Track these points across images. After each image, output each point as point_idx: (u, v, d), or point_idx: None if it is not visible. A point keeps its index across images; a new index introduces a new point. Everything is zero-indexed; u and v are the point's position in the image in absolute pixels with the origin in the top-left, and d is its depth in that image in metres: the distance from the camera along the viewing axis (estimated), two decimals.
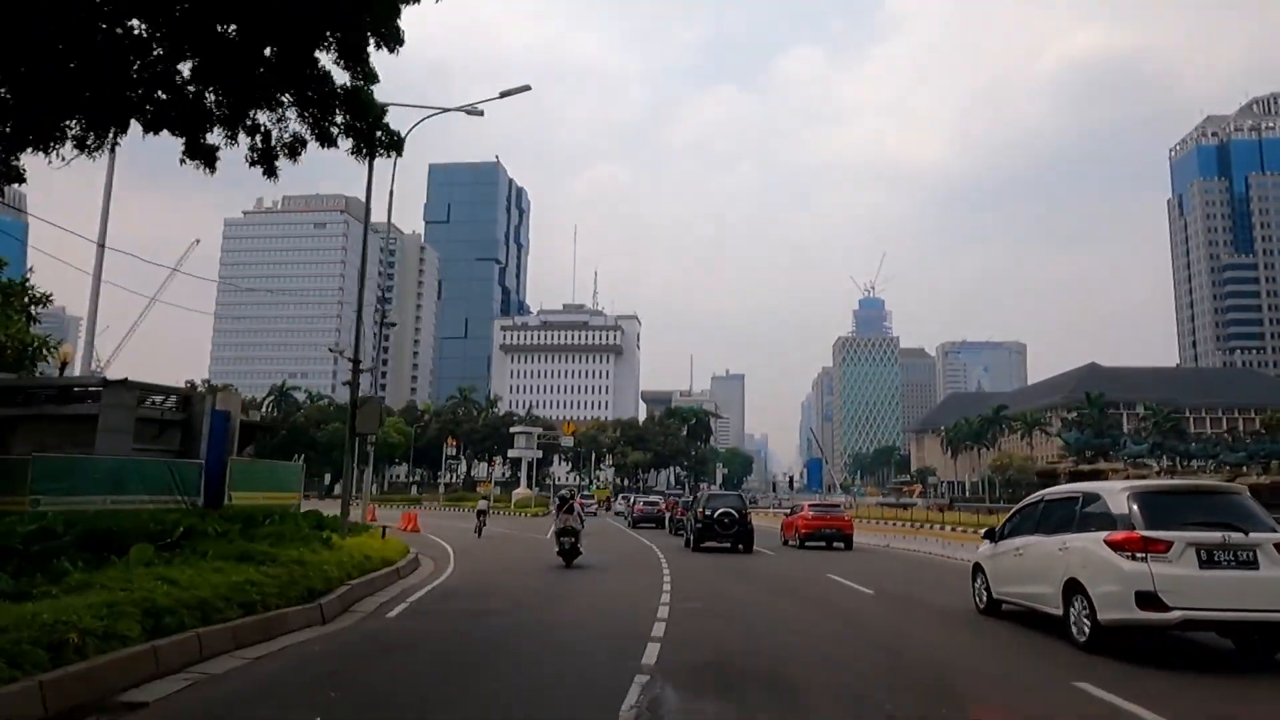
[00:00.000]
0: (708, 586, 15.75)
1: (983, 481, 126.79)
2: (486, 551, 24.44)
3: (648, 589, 14.60)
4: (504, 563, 20.99)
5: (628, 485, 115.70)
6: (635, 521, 43.67)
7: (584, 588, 15.49)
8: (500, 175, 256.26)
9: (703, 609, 12.46)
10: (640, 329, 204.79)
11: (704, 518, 24.69)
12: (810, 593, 15.41)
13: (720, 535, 24.40)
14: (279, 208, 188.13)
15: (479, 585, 15.54)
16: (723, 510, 24.54)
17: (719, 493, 34.77)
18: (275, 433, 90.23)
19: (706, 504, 25.89)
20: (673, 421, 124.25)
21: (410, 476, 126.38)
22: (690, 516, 27.43)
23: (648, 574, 17.78)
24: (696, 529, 25.15)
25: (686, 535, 27.69)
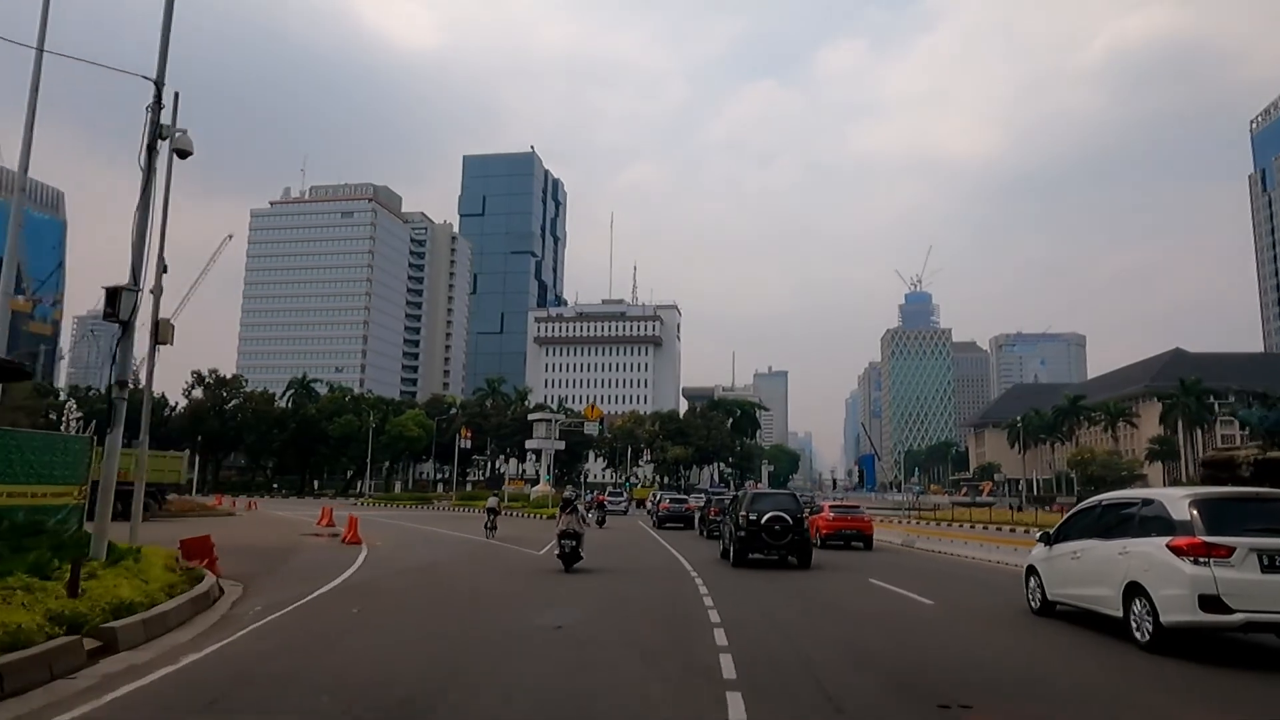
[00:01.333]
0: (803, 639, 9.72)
1: (1058, 478, 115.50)
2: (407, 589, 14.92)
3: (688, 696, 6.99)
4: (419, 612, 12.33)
5: (668, 483, 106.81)
6: (660, 521, 39.28)
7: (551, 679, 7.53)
8: (536, 166, 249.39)
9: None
10: (680, 319, 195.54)
11: (748, 524, 19.31)
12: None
13: (769, 546, 19.27)
14: (306, 197, 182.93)
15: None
16: (773, 514, 19.18)
17: (766, 491, 28.19)
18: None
19: (751, 506, 19.97)
20: (716, 414, 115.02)
21: (435, 474, 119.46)
22: (730, 521, 21.18)
23: (680, 634, 10.01)
24: (739, 537, 19.57)
25: (725, 544, 21.72)
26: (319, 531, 25.75)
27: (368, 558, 18.63)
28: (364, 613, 10.95)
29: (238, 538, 22.85)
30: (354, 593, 13.00)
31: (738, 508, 20.53)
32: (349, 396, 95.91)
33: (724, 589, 14.43)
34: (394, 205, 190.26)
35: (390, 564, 17.77)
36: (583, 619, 10.96)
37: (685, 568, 18.77)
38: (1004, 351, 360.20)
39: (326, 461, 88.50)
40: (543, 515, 42.48)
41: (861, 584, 16.60)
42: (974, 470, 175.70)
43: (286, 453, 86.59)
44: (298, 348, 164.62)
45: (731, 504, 22.92)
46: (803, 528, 19.51)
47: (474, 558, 20.92)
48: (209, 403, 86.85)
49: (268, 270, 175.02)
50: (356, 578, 14.91)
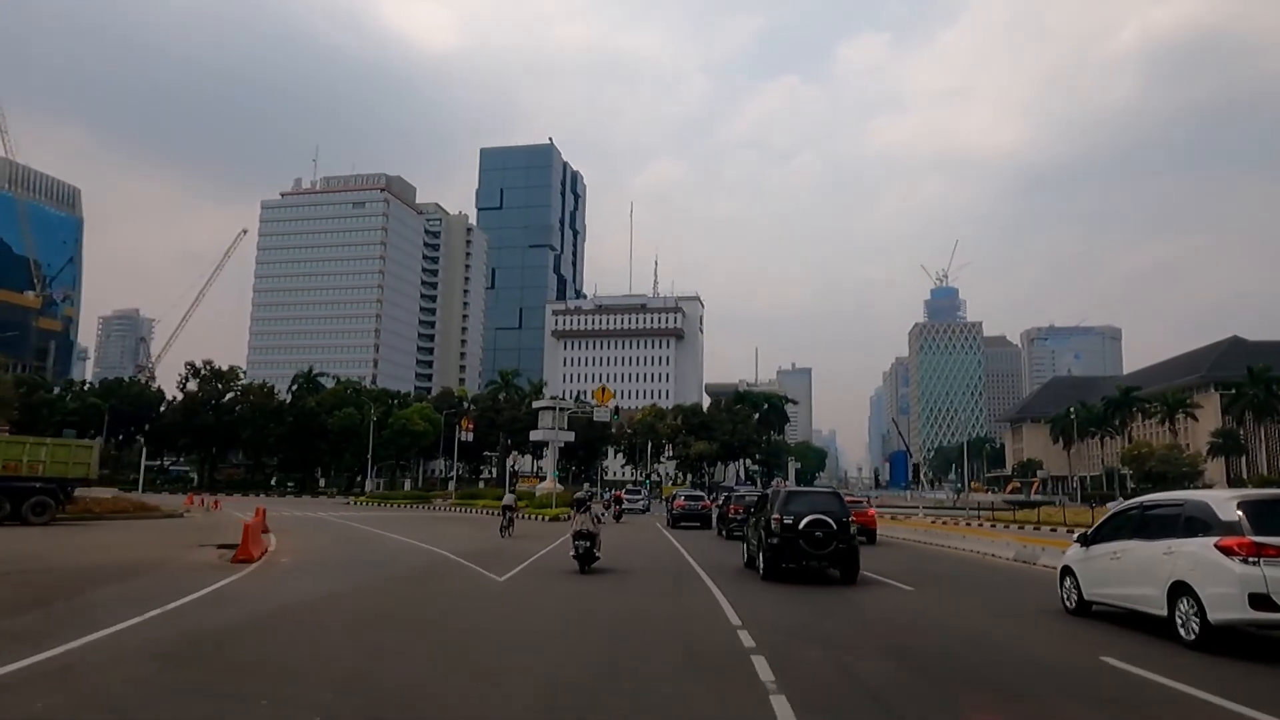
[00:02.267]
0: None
1: (1108, 475, 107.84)
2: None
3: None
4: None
5: (692, 481, 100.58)
6: (675, 520, 36.67)
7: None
8: (554, 157, 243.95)
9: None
10: (703, 311, 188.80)
11: (783, 529, 15.93)
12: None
13: (808, 556, 15.87)
14: (317, 188, 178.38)
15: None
16: (813, 518, 15.78)
17: (803, 489, 23.24)
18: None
19: (785, 507, 16.41)
20: (742, 408, 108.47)
21: (447, 470, 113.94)
22: (759, 525, 17.52)
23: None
24: (770, 545, 16.16)
25: (750, 550, 18.54)
26: (222, 543, 19.50)
27: (225, 590, 12.56)
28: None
29: (92, 553, 17.75)
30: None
31: (768, 509, 16.90)
32: (350, 388, 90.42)
33: (759, 612, 11.78)
34: (408, 196, 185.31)
35: (247, 605, 11.34)
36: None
37: (706, 583, 15.26)
38: (1036, 345, 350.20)
39: (326, 458, 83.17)
40: (545, 516, 36.43)
41: (929, 601, 13.89)
42: (1012, 467, 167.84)
43: (284, 448, 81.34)
44: (309, 342, 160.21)
45: (759, 505, 19.05)
46: (849, 534, 15.98)
47: (417, 579, 15.46)
48: (204, 396, 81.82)
49: (278, 263, 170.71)
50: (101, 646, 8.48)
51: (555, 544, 22.74)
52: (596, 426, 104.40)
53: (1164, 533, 10.08)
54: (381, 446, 78.79)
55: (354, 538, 25.90)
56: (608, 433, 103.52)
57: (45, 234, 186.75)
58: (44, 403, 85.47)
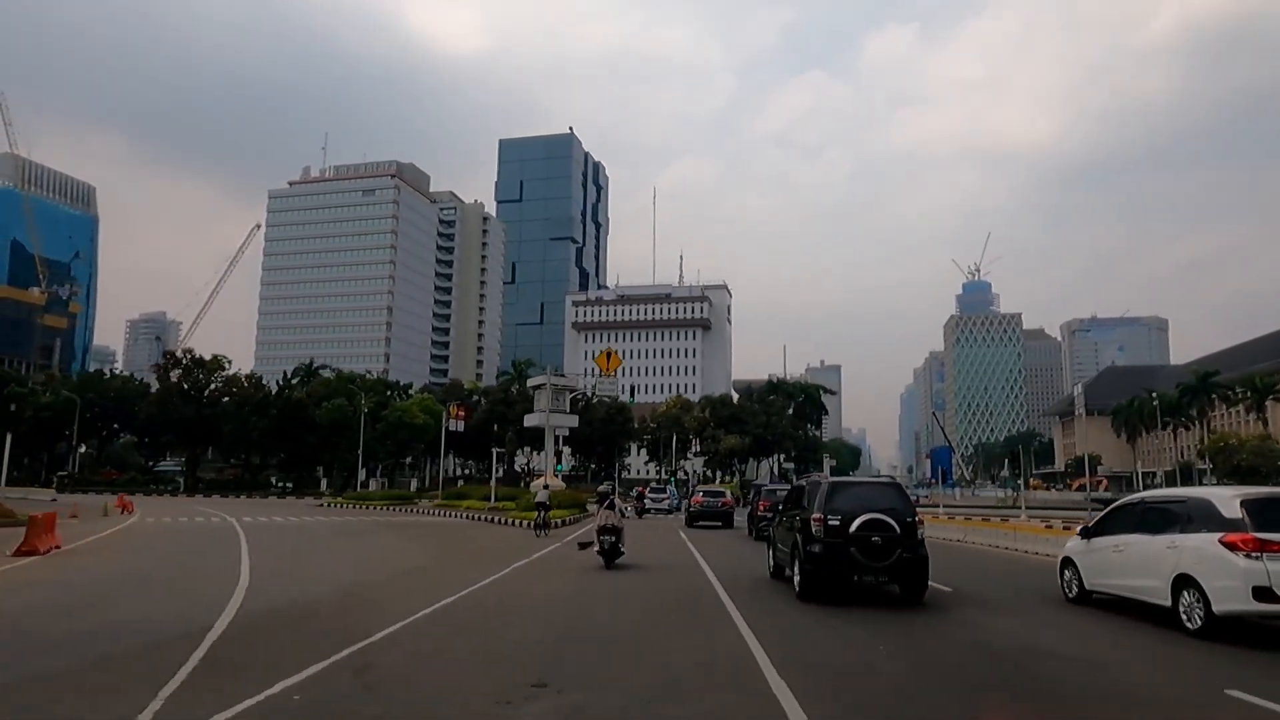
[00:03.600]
0: None
1: (1183, 470, 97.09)
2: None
3: None
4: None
5: (722, 479, 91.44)
6: (692, 518, 34.12)
7: None
8: (575, 148, 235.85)
9: None
10: (730, 301, 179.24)
11: (827, 532, 11.78)
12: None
13: (862, 568, 11.70)
14: (327, 176, 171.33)
15: None
16: (869, 518, 11.65)
17: (852, 480, 16.13)
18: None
19: (829, 503, 12.01)
20: (776, 399, 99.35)
21: (458, 468, 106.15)
22: (792, 527, 13.07)
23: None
24: (810, 554, 11.89)
25: (776, 557, 14.42)
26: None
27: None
28: None
29: None
30: None
31: (806, 505, 12.73)
32: (345, 378, 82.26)
33: (807, 653, 8.50)
34: (420, 184, 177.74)
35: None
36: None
37: (724, 606, 11.29)
38: (1077, 337, 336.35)
39: (316, 454, 75.12)
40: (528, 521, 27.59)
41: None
42: (1065, 463, 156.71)
43: (269, 444, 73.46)
44: (318, 336, 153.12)
45: (792, 499, 14.79)
46: (916, 538, 11.81)
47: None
48: (185, 387, 74.12)
49: (286, 255, 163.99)
50: None
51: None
52: (616, 421, 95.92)
53: (1167, 527, 10.44)
54: (376, 441, 70.65)
55: (205, 557, 17.39)
56: (629, 427, 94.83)
57: (55, 231, 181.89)
58: (15, 396, 78.30)
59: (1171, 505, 10.89)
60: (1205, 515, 9.84)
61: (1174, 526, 10.30)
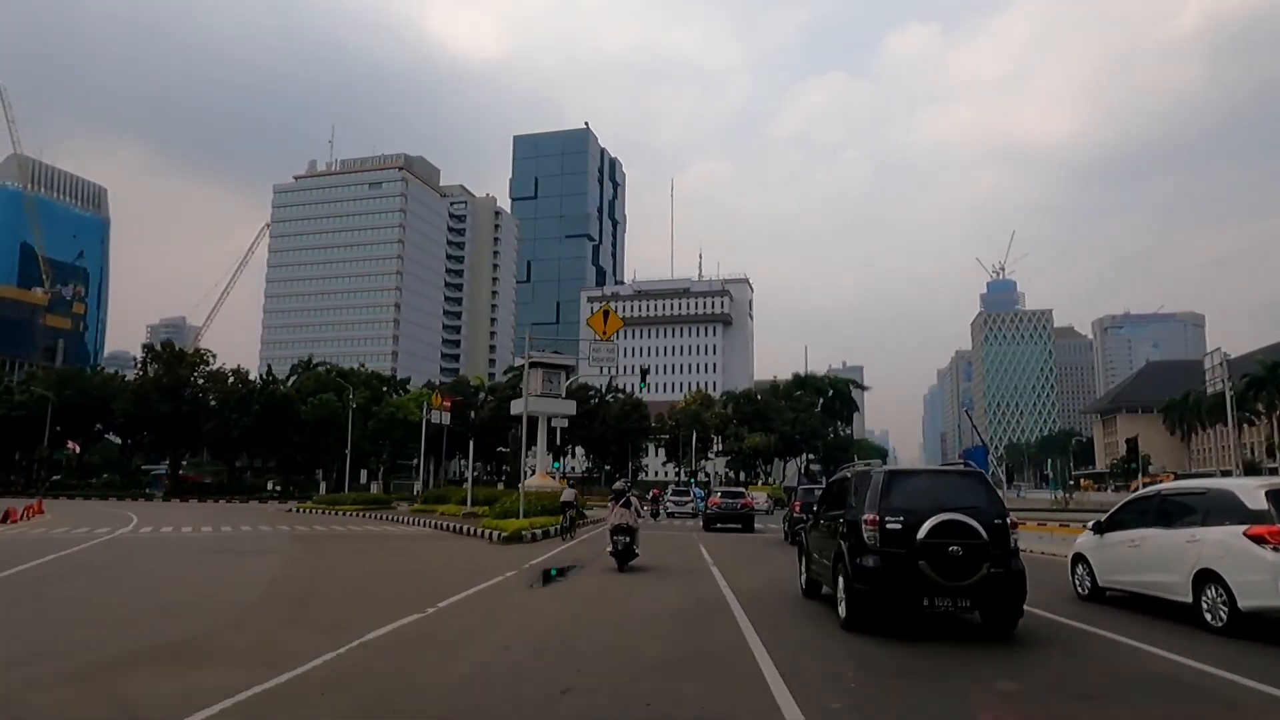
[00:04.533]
0: None
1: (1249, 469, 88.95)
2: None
3: None
4: None
5: (747, 480, 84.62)
6: (709, 521, 31.06)
7: None
8: (590, 143, 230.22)
9: None
10: (752, 295, 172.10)
11: (886, 539, 8.81)
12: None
13: (937, 590, 8.56)
14: (333, 170, 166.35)
15: None
16: (944, 520, 8.57)
17: (919, 469, 11.26)
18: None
19: (887, 500, 9.01)
20: (803, 394, 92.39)
21: (464, 468, 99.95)
22: (834, 532, 9.99)
23: None
24: (863, 570, 8.88)
25: (813, 567, 11.27)
26: None
27: None
28: None
29: None
30: None
31: (853, 503, 9.52)
32: (334, 372, 76.32)
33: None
34: (430, 178, 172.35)
35: None
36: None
37: (746, 641, 8.25)
38: (1110, 335, 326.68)
39: (301, 453, 69.11)
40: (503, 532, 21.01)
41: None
42: (1108, 463, 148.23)
43: (252, 442, 67.56)
44: (324, 334, 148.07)
45: (831, 495, 10.99)
46: (1008, 548, 8.76)
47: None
48: (165, 382, 68.43)
49: (292, 250, 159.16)
50: None
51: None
52: (631, 418, 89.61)
53: (1186, 521, 9.94)
54: (367, 439, 64.62)
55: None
56: (644, 425, 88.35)
57: (61, 231, 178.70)
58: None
59: (1191, 497, 10.41)
60: (1228, 507, 9.34)
61: (1194, 519, 9.81)
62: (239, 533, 24.37)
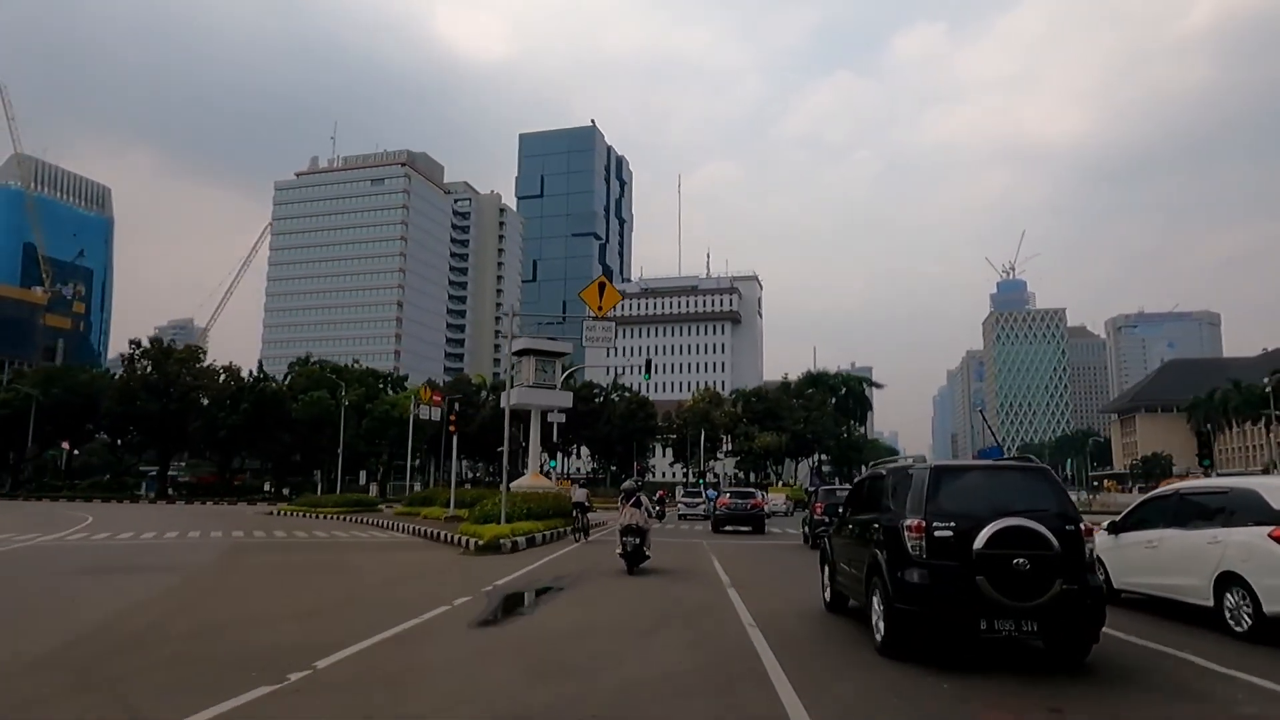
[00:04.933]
0: None
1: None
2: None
3: None
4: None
5: (759, 481, 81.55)
6: (718, 523, 29.66)
7: None
8: (597, 140, 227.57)
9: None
10: (761, 293, 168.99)
11: (939, 551, 7.35)
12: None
13: (1000, 610, 7.14)
14: (336, 166, 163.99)
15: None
16: (1006, 526, 7.12)
17: (971, 464, 8.85)
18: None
19: (933, 502, 7.54)
20: (815, 392, 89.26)
21: (466, 470, 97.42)
22: (866, 539, 8.62)
23: None
24: (908, 589, 7.41)
25: (835, 580, 10.28)
26: None
27: None
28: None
29: None
30: None
31: (890, 505, 8.26)
32: (329, 368, 73.62)
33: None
34: (434, 175, 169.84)
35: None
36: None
37: (765, 675, 6.75)
38: (1123, 334, 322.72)
39: (291, 452, 66.34)
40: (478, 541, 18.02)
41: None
42: (1129, 464, 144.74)
43: (239, 442, 64.82)
44: (325, 333, 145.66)
45: (862, 495, 9.71)
46: (1083, 559, 7.43)
47: None
48: (153, 378, 65.76)
49: (293, 248, 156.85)
50: None
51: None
52: (638, 417, 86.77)
53: (1207, 521, 9.61)
54: (362, 438, 61.86)
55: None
56: (651, 424, 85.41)
57: (61, 230, 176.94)
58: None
59: (1212, 497, 9.92)
60: (1251, 507, 8.96)
61: (1216, 520, 9.45)
62: (166, 541, 21.38)
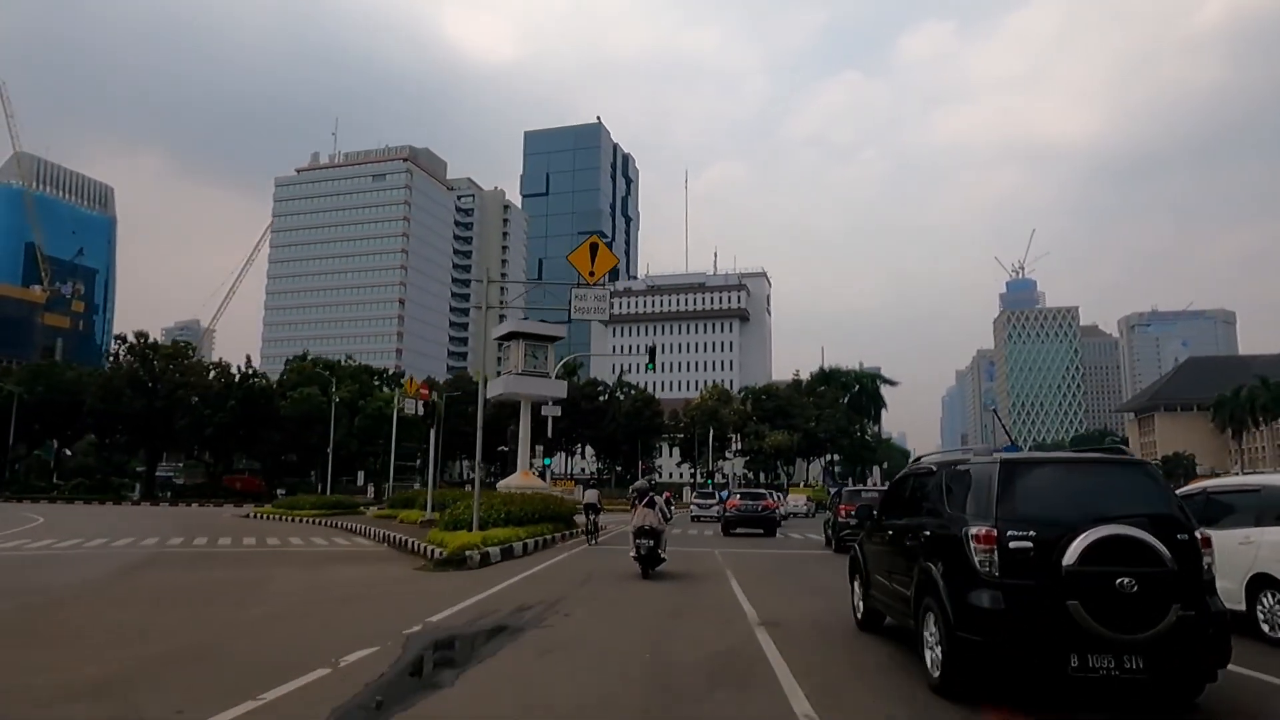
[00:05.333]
0: None
1: None
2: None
3: None
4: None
5: (771, 482, 78.55)
6: (729, 525, 28.41)
7: None
8: (603, 138, 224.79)
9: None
10: (770, 290, 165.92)
11: (1015, 567, 5.93)
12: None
13: (1102, 644, 5.67)
14: (337, 162, 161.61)
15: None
16: (1108, 535, 5.76)
17: (1052, 456, 6.99)
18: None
19: (1006, 503, 6.15)
20: (828, 389, 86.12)
21: (466, 470, 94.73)
22: (923, 553, 6.82)
23: None
24: (978, 615, 5.97)
25: (867, 594, 8.91)
26: None
27: None
28: None
29: None
30: None
31: (947, 506, 6.83)
32: (320, 364, 70.87)
33: None
34: (437, 170, 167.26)
35: None
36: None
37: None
38: (1137, 333, 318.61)
39: (286, 451, 63.62)
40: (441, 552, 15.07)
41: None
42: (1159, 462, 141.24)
43: (226, 440, 62.06)
44: (326, 332, 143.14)
45: (905, 494, 8.23)
46: (1201, 577, 5.95)
47: None
48: (139, 375, 63.20)
49: (293, 245, 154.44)
50: None
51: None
52: (644, 415, 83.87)
53: (1237, 521, 9.21)
54: (354, 437, 59.06)
55: None
56: (657, 422, 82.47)
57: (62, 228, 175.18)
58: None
59: (1243, 496, 9.52)
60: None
61: (1246, 519, 9.06)
62: (87, 551, 18.52)
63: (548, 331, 28.50)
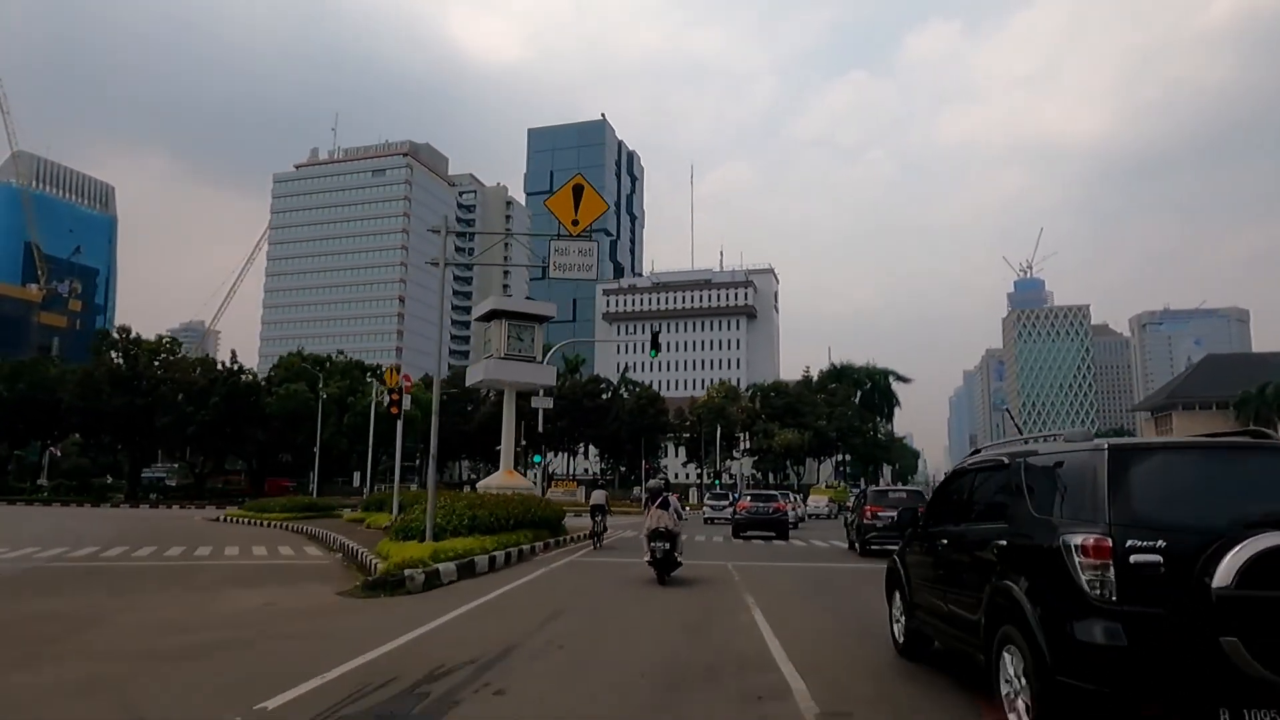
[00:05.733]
0: None
1: None
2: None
3: None
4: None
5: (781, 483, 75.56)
6: (739, 527, 27.81)
7: None
8: (608, 135, 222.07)
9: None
10: (777, 287, 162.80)
11: (1139, 589, 4.41)
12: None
13: (1269, 691, 4.15)
14: (337, 158, 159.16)
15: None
16: (1273, 547, 4.26)
17: (1175, 442, 5.22)
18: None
19: (1115, 505, 4.57)
20: (839, 387, 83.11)
21: (465, 471, 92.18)
22: (997, 568, 5.27)
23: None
24: (1090, 652, 4.49)
25: (907, 615, 7.46)
26: None
27: None
28: None
29: None
30: None
31: (1031, 507, 5.26)
32: (309, 360, 68.16)
33: None
34: (438, 166, 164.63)
35: None
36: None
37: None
38: (1148, 331, 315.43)
39: (273, 450, 60.97)
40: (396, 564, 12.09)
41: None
42: None
43: (209, 439, 59.39)
44: (325, 330, 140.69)
45: (962, 494, 6.76)
46: None
47: None
48: (121, 371, 60.58)
49: (292, 242, 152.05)
50: None
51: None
52: (648, 413, 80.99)
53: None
54: (344, 435, 56.33)
55: None
56: (662, 420, 79.58)
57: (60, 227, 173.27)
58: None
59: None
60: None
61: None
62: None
63: (535, 310, 25.28)
